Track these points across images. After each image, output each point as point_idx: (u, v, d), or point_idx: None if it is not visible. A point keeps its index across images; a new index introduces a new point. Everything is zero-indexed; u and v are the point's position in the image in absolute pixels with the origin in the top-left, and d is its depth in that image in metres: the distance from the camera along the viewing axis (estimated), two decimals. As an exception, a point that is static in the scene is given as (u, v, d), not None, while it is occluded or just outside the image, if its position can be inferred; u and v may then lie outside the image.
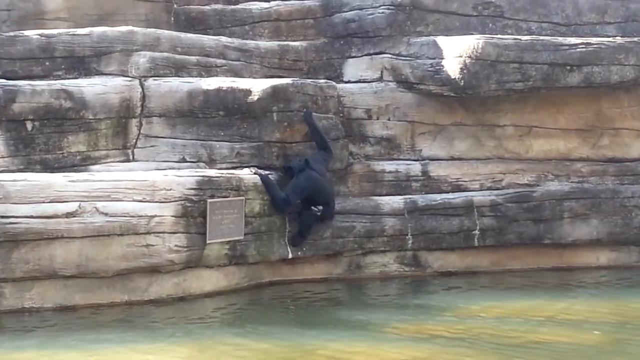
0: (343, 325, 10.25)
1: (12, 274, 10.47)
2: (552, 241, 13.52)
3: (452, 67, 13.19)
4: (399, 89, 13.66)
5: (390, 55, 13.80)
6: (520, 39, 13.35)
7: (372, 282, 12.64)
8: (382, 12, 13.88)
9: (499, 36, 13.51)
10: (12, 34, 12.85)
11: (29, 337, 9.71)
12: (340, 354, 9.10)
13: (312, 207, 12.17)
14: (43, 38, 12.75)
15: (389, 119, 13.59)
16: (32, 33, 12.84)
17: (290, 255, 12.18)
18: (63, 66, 12.70)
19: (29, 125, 11.79)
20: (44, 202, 10.55)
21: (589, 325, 10.37)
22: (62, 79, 12.46)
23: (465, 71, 13.11)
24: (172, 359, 9.04)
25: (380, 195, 13.16)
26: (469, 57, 13.09)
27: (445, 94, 13.36)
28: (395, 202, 13.04)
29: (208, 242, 11.32)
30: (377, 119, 13.56)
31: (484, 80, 13.14)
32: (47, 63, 12.66)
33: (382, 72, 13.81)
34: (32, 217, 10.47)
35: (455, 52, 13.21)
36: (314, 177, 12.10)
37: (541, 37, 13.63)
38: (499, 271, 13.24)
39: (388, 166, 13.39)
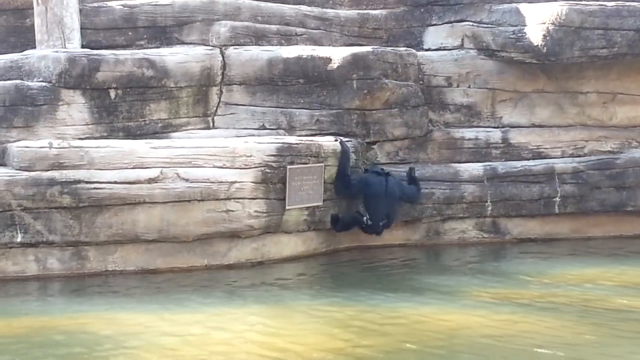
0: (420, 290, 10.25)
1: (96, 237, 10.70)
2: (635, 208, 13.32)
3: (535, 34, 13.01)
4: (480, 57, 13.54)
5: (471, 23, 13.68)
6: (605, 5, 13.09)
7: (450, 249, 12.64)
8: (464, -20, 13.79)
9: (584, 2, 13.25)
10: (96, 4, 13.11)
11: (115, 298, 9.90)
12: (416, 317, 9.10)
13: (365, 216, 11.92)
14: (126, 9, 12.99)
15: (469, 87, 13.50)
16: (115, 4, 13.09)
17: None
18: (145, 36, 12.92)
19: (112, 94, 11.96)
20: (126, 168, 10.74)
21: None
22: (145, 48, 12.67)
23: (548, 38, 12.92)
24: (251, 321, 9.09)
25: (459, 162, 13.10)
26: (553, 23, 12.89)
27: (527, 61, 13.20)
28: (474, 169, 12.99)
29: (287, 207, 11.38)
30: (457, 86, 13.48)
31: (568, 47, 12.95)
32: (129, 33, 12.89)
33: (462, 39, 13.70)
34: (115, 182, 10.66)
35: (539, 19, 13.02)
36: (379, 184, 11.87)
37: (627, 3, 13.34)
38: (579, 238, 13.12)
39: (468, 133, 13.34)
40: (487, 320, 8.97)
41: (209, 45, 12.81)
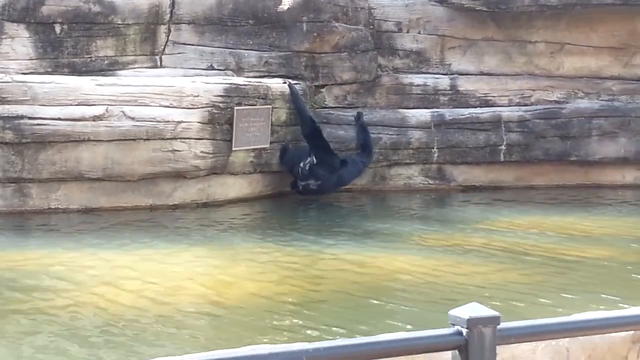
0: (364, 235, 10.21)
1: (38, 175, 10.48)
2: (578, 158, 13.35)
3: (486, -18, 12.92)
4: (431, 3, 13.44)
5: (423, -32, 13.56)
6: (556, -47, 13.04)
7: (395, 194, 12.62)
8: None
9: (534, -51, 13.20)
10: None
11: (55, 237, 9.72)
12: (357, 261, 9.02)
13: (310, 159, 11.66)
14: (73, -58, 12.64)
15: (419, 33, 13.42)
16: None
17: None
18: (93, -29, 12.60)
19: (57, 29, 11.70)
20: (71, 105, 10.51)
21: (608, 241, 10.14)
22: (92, -17, 12.36)
23: (498, -14, 12.83)
24: (193, 261, 8.96)
25: (407, 108, 13.04)
26: (503, -28, 12.84)
27: (477, 8, 13.13)
28: (422, 115, 12.94)
29: (234, 149, 11.28)
30: (407, 32, 13.40)
31: (518, -4, 12.90)
32: (77, -33, 12.56)
33: (414, -15, 13.58)
34: (59, 119, 10.44)
35: (489, -35, 12.96)
36: (331, 157, 11.78)
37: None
38: (523, 187, 13.18)
39: (416, 79, 13.28)
40: (426, 265, 8.91)
41: (157, -17, 12.57)
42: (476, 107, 13.26)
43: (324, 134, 11.91)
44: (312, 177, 11.64)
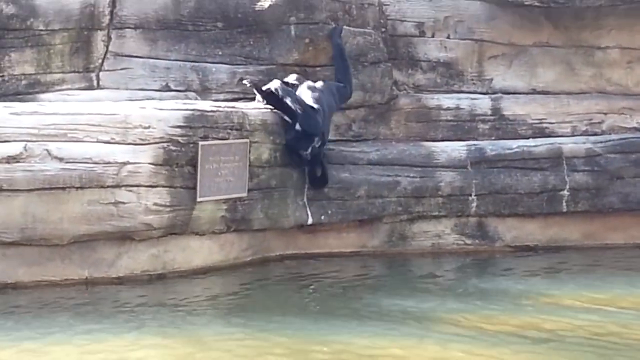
0: (379, 317, 10.22)
1: None
2: (670, 207, 13.58)
3: (539, -34, 13.22)
4: (464, -4, 13.74)
5: (453, -51, 13.88)
6: None
7: (420, 259, 12.76)
8: None
9: None
10: None
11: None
12: (373, 354, 9.02)
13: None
14: None
15: (448, 37, 13.70)
16: None
17: (310, 221, 12.28)
18: (8, -40, 12.81)
19: (-45, 38, 11.93)
20: (-24, 143, 10.63)
21: None
22: (5, -25, 12.60)
23: (555, -29, 13.15)
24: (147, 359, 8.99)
25: (434, 141, 13.23)
26: (563, -49, 13.13)
27: (527, 3, 13.35)
28: (454, 149, 13.12)
29: (199, 200, 11.39)
30: (432, 36, 13.67)
31: (582, -14, 13.22)
32: (-18, -45, 12.78)
33: (441, -29, 13.88)
34: (-41, 161, 10.56)
35: (544, -55, 13.27)
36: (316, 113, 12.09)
37: None
38: (595, 247, 13.33)
39: (446, 101, 13.52)
40: (470, 358, 8.95)
41: (93, -26, 12.80)
42: (528, 138, 13.46)
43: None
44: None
